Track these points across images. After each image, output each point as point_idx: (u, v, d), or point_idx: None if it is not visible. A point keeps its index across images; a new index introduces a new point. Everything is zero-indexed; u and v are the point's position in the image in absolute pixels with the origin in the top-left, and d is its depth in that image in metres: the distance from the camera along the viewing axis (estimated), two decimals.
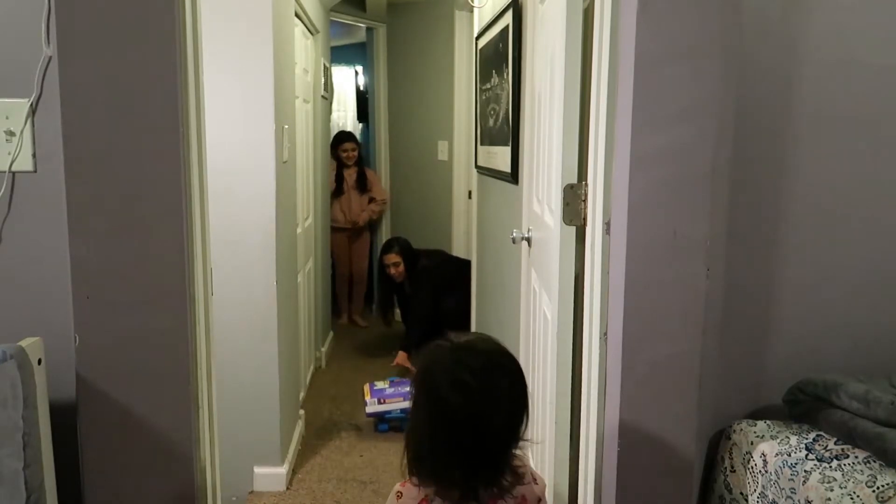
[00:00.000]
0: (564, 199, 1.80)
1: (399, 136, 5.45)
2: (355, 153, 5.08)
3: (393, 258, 4.32)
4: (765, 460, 1.46)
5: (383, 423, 3.44)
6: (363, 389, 3.51)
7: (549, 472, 2.09)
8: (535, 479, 1.33)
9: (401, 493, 1.28)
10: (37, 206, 1.55)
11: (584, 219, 1.75)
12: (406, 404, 2.96)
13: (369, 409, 3.40)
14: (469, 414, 1.18)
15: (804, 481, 1.35)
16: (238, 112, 2.60)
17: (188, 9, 1.56)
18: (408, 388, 3.22)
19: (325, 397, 3.88)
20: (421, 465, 1.25)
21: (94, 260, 1.48)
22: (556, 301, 1.95)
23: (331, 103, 5.43)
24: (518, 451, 1.27)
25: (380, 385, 3.49)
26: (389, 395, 3.41)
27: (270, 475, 2.85)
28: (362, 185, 5.07)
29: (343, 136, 5.18)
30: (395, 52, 5.42)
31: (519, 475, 1.26)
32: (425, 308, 4.15)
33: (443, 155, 5.15)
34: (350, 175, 5.07)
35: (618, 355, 1.49)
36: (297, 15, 3.36)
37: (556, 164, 1.90)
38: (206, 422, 1.71)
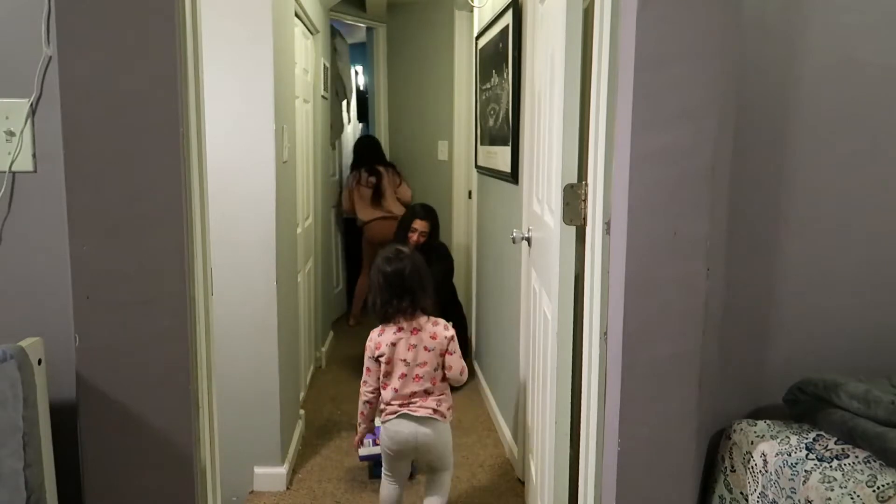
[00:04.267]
0: (564, 198, 1.80)
1: (399, 136, 5.45)
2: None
3: (423, 225, 4.06)
4: (765, 460, 1.46)
5: (379, 468, 2.71)
6: (356, 427, 2.79)
7: (548, 472, 2.09)
8: (445, 326, 2.40)
9: (371, 337, 2.39)
10: (37, 206, 1.55)
11: (584, 219, 1.75)
12: None
13: (363, 452, 2.90)
14: (393, 270, 2.36)
15: (804, 481, 1.35)
16: (238, 112, 2.60)
17: (188, 9, 1.56)
18: None
19: (325, 397, 3.88)
20: (375, 310, 2.40)
21: (94, 260, 1.48)
22: (556, 301, 1.96)
23: (347, 101, 5.44)
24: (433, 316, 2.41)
25: (376, 423, 2.78)
26: None
27: (270, 475, 2.85)
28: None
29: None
30: (395, 52, 5.42)
31: (427, 314, 2.39)
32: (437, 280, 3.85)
33: (443, 155, 5.15)
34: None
35: (618, 355, 1.49)
36: (297, 15, 3.36)
37: (556, 164, 1.91)
38: (206, 422, 1.71)
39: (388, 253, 2.44)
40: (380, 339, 2.36)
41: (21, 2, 1.50)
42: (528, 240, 2.54)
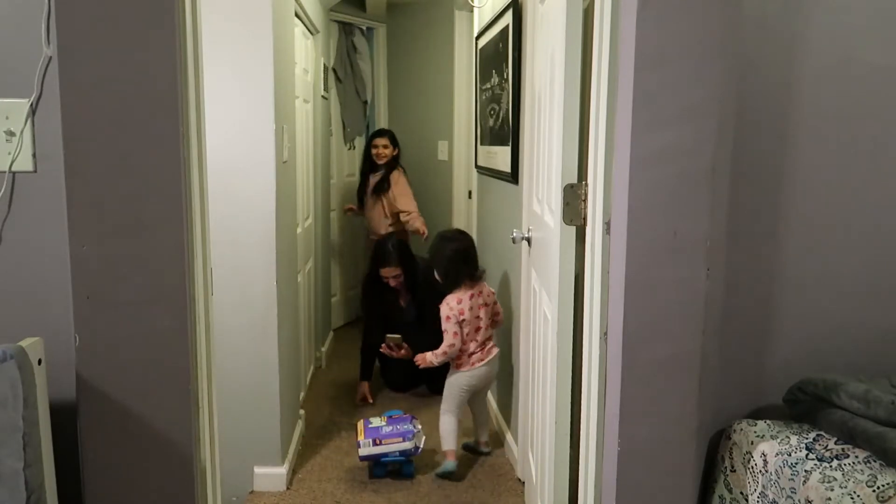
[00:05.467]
0: (564, 198, 1.80)
1: (399, 136, 5.44)
2: (387, 151, 4.52)
3: (393, 271, 3.70)
4: (765, 460, 1.46)
5: (379, 468, 2.97)
6: (356, 427, 3.04)
7: (549, 471, 2.09)
8: (488, 287, 3.12)
9: (451, 305, 2.98)
10: (37, 206, 1.55)
11: (584, 219, 1.75)
12: (406, 444, 2.88)
13: (363, 452, 2.90)
14: (462, 246, 3.10)
15: (804, 481, 1.35)
16: (238, 112, 2.59)
17: (188, 9, 1.56)
18: (408, 426, 2.92)
19: (325, 397, 3.88)
20: (448, 280, 3.03)
21: (94, 260, 1.48)
22: (556, 301, 1.95)
23: (366, 101, 5.36)
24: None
25: (376, 422, 2.97)
26: (387, 436, 2.89)
27: (270, 475, 2.85)
28: (380, 189, 4.47)
29: (378, 132, 4.69)
30: (395, 52, 5.42)
31: (483, 276, 3.10)
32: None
33: (443, 155, 5.15)
34: (374, 178, 4.53)
35: (618, 355, 1.49)
36: (297, 15, 3.36)
37: (556, 164, 1.91)
38: (206, 422, 1.71)
39: (449, 234, 3.22)
40: (460, 306, 2.96)
41: (21, 2, 1.51)
42: (528, 240, 2.54)
